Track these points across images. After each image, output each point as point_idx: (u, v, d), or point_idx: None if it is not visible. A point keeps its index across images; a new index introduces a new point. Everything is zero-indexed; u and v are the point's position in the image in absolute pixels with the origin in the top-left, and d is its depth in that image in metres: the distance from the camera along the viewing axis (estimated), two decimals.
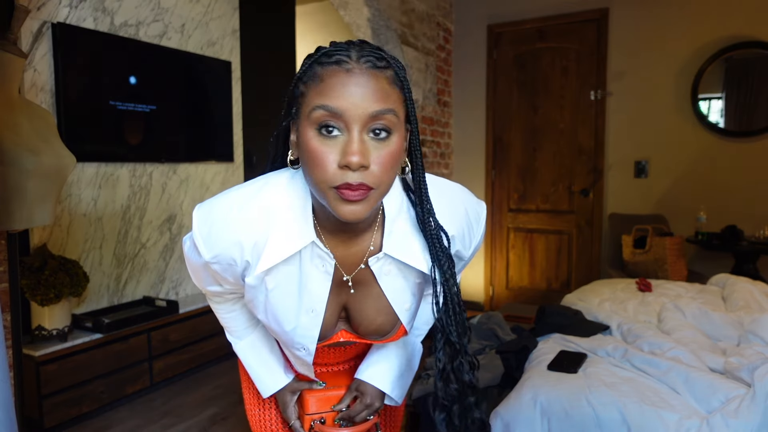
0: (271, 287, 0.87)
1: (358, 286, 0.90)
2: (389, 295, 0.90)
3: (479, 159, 4.69)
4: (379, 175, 0.75)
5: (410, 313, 0.94)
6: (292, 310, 0.88)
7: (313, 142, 0.74)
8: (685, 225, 3.93)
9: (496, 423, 1.63)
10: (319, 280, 0.87)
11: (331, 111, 0.73)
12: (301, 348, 0.93)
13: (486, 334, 2.15)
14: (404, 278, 0.90)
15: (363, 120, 0.73)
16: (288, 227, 0.82)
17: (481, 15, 4.58)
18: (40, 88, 2.62)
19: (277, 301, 0.88)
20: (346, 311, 0.94)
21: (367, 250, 0.87)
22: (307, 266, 0.86)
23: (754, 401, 1.43)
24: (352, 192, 0.73)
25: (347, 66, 0.73)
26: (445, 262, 0.84)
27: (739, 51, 3.76)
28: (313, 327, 0.90)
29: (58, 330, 2.58)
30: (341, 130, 0.74)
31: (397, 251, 0.86)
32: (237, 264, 0.85)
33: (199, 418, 2.71)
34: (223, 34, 3.63)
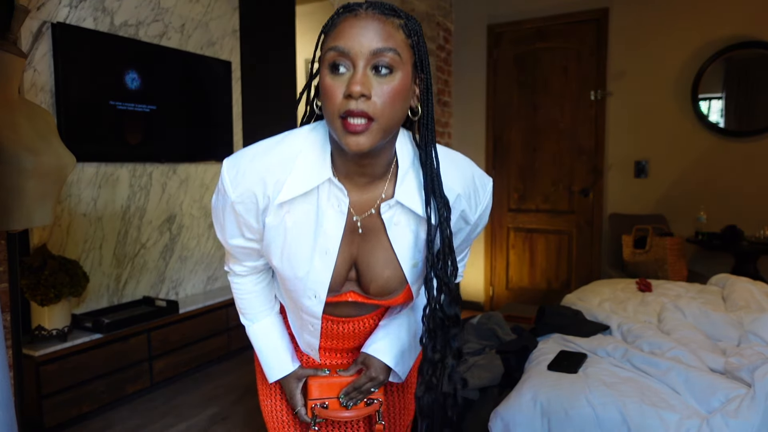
0: (290, 225, 0.93)
1: (368, 234, 0.96)
2: (397, 248, 0.96)
3: (479, 159, 4.69)
4: (380, 107, 0.81)
5: (416, 272, 0.98)
6: (307, 252, 0.94)
7: (326, 79, 0.83)
8: (685, 225, 3.92)
9: (496, 423, 1.63)
10: (333, 220, 0.93)
11: (340, 51, 0.82)
12: (313, 295, 0.97)
13: (486, 334, 2.15)
14: (411, 232, 0.95)
15: (365, 56, 0.81)
16: (307, 167, 0.90)
17: (481, 15, 4.58)
18: (40, 88, 2.62)
19: (293, 241, 0.94)
20: (356, 270, 0.99)
21: (379, 197, 0.94)
22: (324, 204, 0.92)
23: (754, 401, 1.43)
24: (355, 120, 0.80)
25: (356, 12, 0.83)
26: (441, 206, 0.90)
27: (739, 51, 3.76)
28: (326, 270, 0.95)
29: (57, 330, 2.58)
30: (348, 67, 0.82)
31: (407, 199, 0.92)
32: (259, 201, 0.92)
33: (199, 418, 2.71)
34: (223, 34, 3.63)
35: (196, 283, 3.54)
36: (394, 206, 0.93)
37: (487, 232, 4.69)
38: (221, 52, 3.62)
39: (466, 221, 1.01)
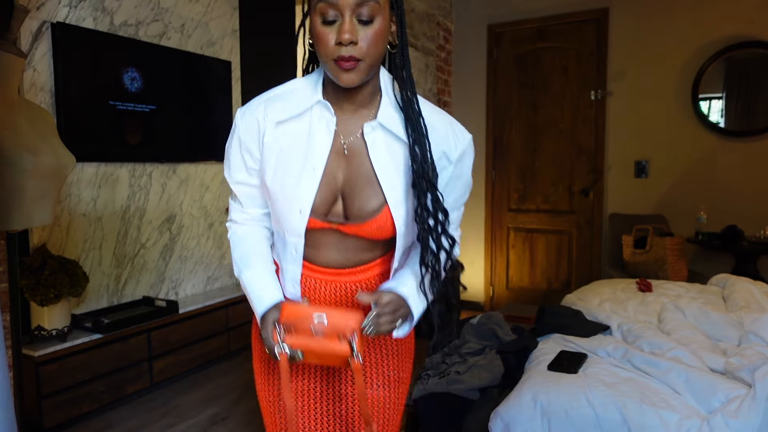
0: (284, 145, 1.06)
1: (353, 157, 1.07)
2: (377, 169, 1.05)
3: (479, 159, 4.69)
4: (366, 49, 0.97)
5: (397, 195, 1.05)
6: (297, 169, 1.06)
7: (318, 27, 0.98)
8: (685, 225, 3.92)
9: (497, 423, 1.63)
10: (322, 139, 1.05)
11: (329, 2, 0.96)
12: (298, 210, 1.06)
13: (486, 334, 2.15)
14: (391, 156, 1.06)
15: (351, 7, 0.95)
16: (301, 94, 1.07)
17: (481, 15, 4.58)
18: (40, 88, 2.62)
19: (285, 160, 1.06)
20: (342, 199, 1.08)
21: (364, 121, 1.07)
22: (315, 126, 1.06)
23: (754, 401, 1.43)
24: (346, 63, 0.97)
25: None
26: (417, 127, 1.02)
27: (739, 51, 3.76)
28: (311, 185, 1.05)
29: (57, 330, 2.58)
30: (336, 17, 0.96)
31: (388, 122, 1.05)
32: (260, 124, 1.07)
33: (199, 418, 2.71)
34: (223, 33, 3.63)
35: (196, 283, 3.54)
36: (376, 128, 1.05)
37: (487, 232, 4.69)
38: (221, 52, 3.61)
39: (448, 159, 1.08)
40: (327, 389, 1.19)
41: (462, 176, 1.11)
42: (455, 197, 1.12)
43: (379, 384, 1.20)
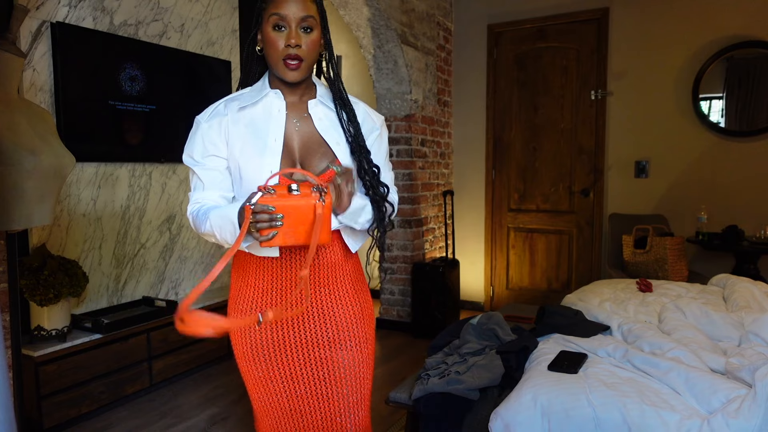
0: (247, 124, 1.33)
1: (304, 129, 1.36)
2: (323, 133, 1.36)
3: (479, 159, 4.69)
4: (307, 52, 1.29)
5: (342, 150, 1.36)
6: (262, 142, 1.31)
7: (271, 34, 1.28)
8: (685, 225, 3.92)
9: (497, 423, 1.63)
10: (276, 120, 1.34)
11: (281, 15, 1.27)
12: (269, 171, 1.29)
13: (486, 334, 2.15)
14: (331, 123, 1.38)
15: (297, 20, 1.27)
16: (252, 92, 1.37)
17: (481, 14, 4.58)
18: (39, 88, 2.62)
19: (250, 137, 1.32)
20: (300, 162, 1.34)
21: (306, 103, 1.38)
22: (270, 108, 1.35)
23: (755, 402, 1.43)
24: (292, 61, 1.28)
25: None
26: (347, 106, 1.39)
27: (739, 51, 3.76)
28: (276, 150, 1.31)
29: (57, 330, 2.57)
30: (285, 27, 1.27)
31: (324, 100, 1.40)
32: (222, 116, 1.33)
33: (199, 418, 2.71)
34: (223, 33, 3.63)
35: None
36: (317, 104, 1.39)
37: (487, 232, 4.69)
38: (221, 52, 3.61)
39: (373, 122, 1.45)
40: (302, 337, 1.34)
41: (384, 139, 1.48)
42: (383, 155, 1.46)
43: (351, 345, 1.38)
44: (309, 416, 1.36)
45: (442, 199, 4.55)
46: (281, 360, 1.34)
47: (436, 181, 4.50)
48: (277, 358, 1.34)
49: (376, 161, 1.40)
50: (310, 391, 1.35)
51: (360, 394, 1.39)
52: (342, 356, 1.36)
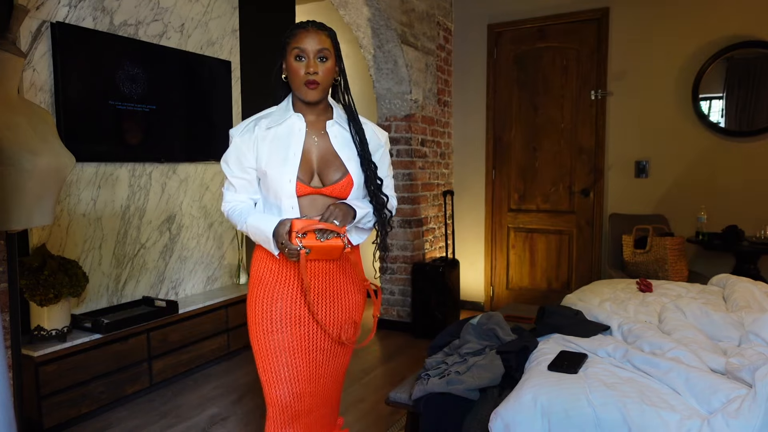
0: (272, 140, 1.60)
1: (321, 145, 1.63)
2: (338, 151, 1.63)
3: (479, 159, 4.69)
4: (323, 77, 1.57)
5: (353, 164, 1.62)
6: (283, 155, 1.58)
7: (293, 64, 1.57)
8: (685, 225, 3.92)
9: (497, 423, 1.63)
10: (297, 137, 1.60)
11: (301, 49, 1.56)
12: (288, 180, 1.56)
13: (486, 334, 2.15)
14: (345, 141, 1.65)
15: (314, 52, 1.55)
16: (279, 112, 1.64)
17: (481, 14, 4.58)
18: (39, 88, 2.62)
19: (274, 150, 1.59)
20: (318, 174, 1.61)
21: (324, 122, 1.65)
22: (292, 127, 1.61)
23: (755, 402, 1.43)
24: (311, 85, 1.55)
25: (307, 28, 1.58)
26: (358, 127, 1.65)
27: (739, 51, 3.76)
28: (295, 162, 1.57)
29: (57, 330, 2.57)
30: (304, 58, 1.56)
31: (340, 121, 1.66)
32: (252, 132, 1.60)
33: (199, 418, 2.71)
34: (223, 33, 3.63)
35: (196, 283, 3.54)
36: (333, 124, 1.65)
37: (487, 232, 4.69)
38: (221, 52, 3.61)
39: (379, 141, 1.70)
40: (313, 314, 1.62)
41: (387, 154, 1.74)
42: (386, 167, 1.73)
43: (349, 325, 1.70)
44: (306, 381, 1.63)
45: (442, 199, 4.55)
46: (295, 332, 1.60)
47: (436, 181, 4.50)
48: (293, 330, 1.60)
49: (380, 173, 1.67)
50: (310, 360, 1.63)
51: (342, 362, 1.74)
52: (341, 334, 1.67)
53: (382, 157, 1.70)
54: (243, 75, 3.87)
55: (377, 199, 1.64)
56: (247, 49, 3.94)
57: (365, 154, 1.63)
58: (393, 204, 1.71)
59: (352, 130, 1.64)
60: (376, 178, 1.64)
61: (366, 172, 1.63)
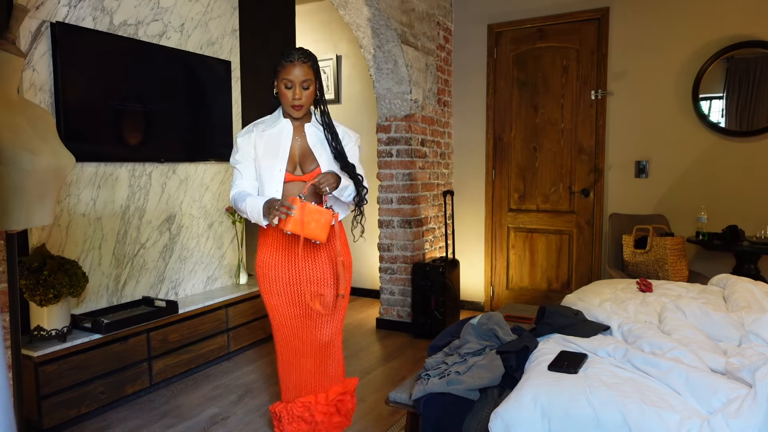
0: (266, 140, 2.11)
1: (303, 145, 2.14)
2: (312, 148, 2.14)
3: (479, 159, 4.69)
4: (305, 101, 2.06)
5: (324, 158, 2.12)
6: (274, 151, 2.10)
7: (283, 90, 2.05)
8: (685, 225, 3.92)
9: (497, 423, 1.63)
10: (285, 138, 2.12)
11: (288, 80, 2.03)
12: (278, 169, 2.07)
13: (486, 334, 2.14)
14: (319, 140, 2.16)
15: (299, 82, 2.02)
16: (272, 119, 2.16)
17: (481, 14, 4.58)
18: (39, 88, 2.62)
19: (267, 148, 2.10)
20: (299, 165, 2.12)
21: (304, 126, 2.16)
22: (282, 130, 2.13)
23: (755, 402, 1.43)
24: (297, 107, 2.06)
25: (293, 61, 2.02)
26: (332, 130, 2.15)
27: (740, 51, 3.76)
28: (284, 156, 2.09)
29: (57, 330, 2.57)
30: (291, 86, 2.03)
31: (315, 124, 2.18)
32: (251, 135, 2.12)
33: (199, 419, 2.71)
34: (223, 33, 3.63)
35: (196, 283, 3.54)
36: (311, 126, 2.17)
37: (487, 232, 4.69)
38: (221, 52, 3.61)
39: (350, 137, 2.21)
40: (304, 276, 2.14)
41: (356, 148, 2.22)
42: (356, 158, 2.20)
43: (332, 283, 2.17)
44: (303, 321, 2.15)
45: (442, 199, 4.55)
46: (288, 290, 2.14)
47: (436, 181, 4.50)
48: (286, 289, 2.14)
49: (352, 158, 2.18)
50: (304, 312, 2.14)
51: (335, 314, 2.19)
52: (325, 290, 2.15)
53: (351, 149, 2.19)
54: (243, 75, 3.87)
55: (354, 177, 2.12)
56: (247, 49, 3.94)
57: (337, 147, 2.13)
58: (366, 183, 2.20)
59: (326, 132, 2.14)
60: (348, 163, 2.12)
61: (339, 161, 2.12)
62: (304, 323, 2.14)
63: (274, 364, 3.46)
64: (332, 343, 2.19)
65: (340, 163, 2.11)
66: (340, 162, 2.11)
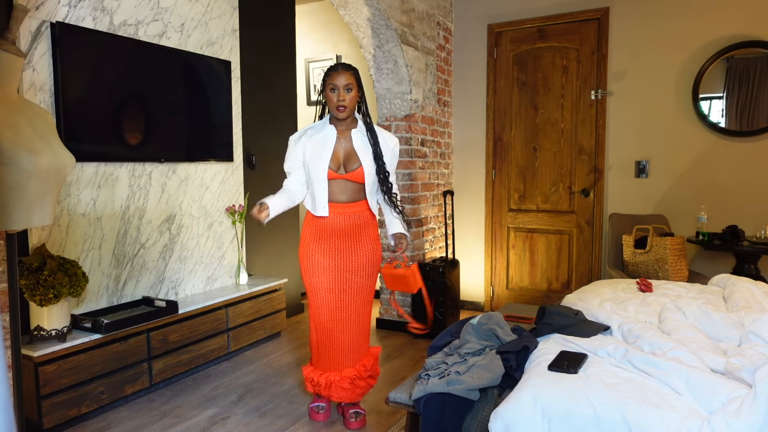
0: (313, 143, 2.44)
1: (348, 148, 2.45)
2: (357, 150, 2.45)
3: (479, 159, 4.69)
4: (348, 103, 2.40)
5: (367, 160, 2.44)
6: (319, 153, 2.42)
7: (329, 94, 2.41)
8: (685, 225, 3.92)
9: (497, 423, 1.62)
10: (329, 141, 2.44)
11: (334, 84, 2.39)
12: (322, 168, 2.41)
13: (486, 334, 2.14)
14: (363, 144, 2.46)
15: (343, 86, 2.38)
16: (320, 125, 2.50)
17: (481, 14, 4.58)
18: (39, 88, 2.62)
19: (313, 150, 2.44)
20: (343, 165, 2.45)
21: (350, 131, 2.47)
22: (327, 135, 2.45)
23: (755, 402, 1.43)
24: (341, 108, 2.39)
25: (338, 70, 2.41)
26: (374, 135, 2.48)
27: (740, 50, 3.76)
28: (327, 158, 2.41)
29: (57, 330, 2.57)
30: (336, 90, 2.39)
31: (362, 130, 2.48)
32: (300, 139, 2.48)
33: (199, 419, 2.71)
34: (223, 33, 3.63)
35: (196, 284, 3.54)
36: (357, 132, 2.47)
37: (487, 232, 4.69)
38: (221, 52, 3.61)
39: (389, 147, 2.51)
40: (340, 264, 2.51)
41: (395, 157, 2.56)
42: (390, 166, 2.52)
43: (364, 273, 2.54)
44: (339, 304, 2.49)
45: (442, 199, 4.55)
46: (328, 275, 2.48)
47: (436, 181, 4.50)
48: (326, 273, 2.48)
49: (389, 167, 2.51)
50: (340, 294, 2.49)
51: (364, 300, 2.54)
52: (358, 279, 2.51)
53: (391, 156, 2.53)
54: (243, 75, 3.87)
55: (387, 186, 2.50)
56: (247, 49, 3.94)
57: (377, 152, 2.45)
58: (395, 191, 2.58)
59: (369, 137, 2.46)
60: (385, 170, 2.48)
61: (377, 165, 2.46)
62: (339, 306, 2.48)
63: (274, 364, 3.46)
64: (363, 324, 2.55)
65: (377, 167, 2.45)
66: (377, 166, 2.45)
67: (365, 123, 2.46)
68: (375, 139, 2.44)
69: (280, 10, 4.37)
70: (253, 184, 4.04)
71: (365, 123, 2.46)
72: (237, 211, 3.73)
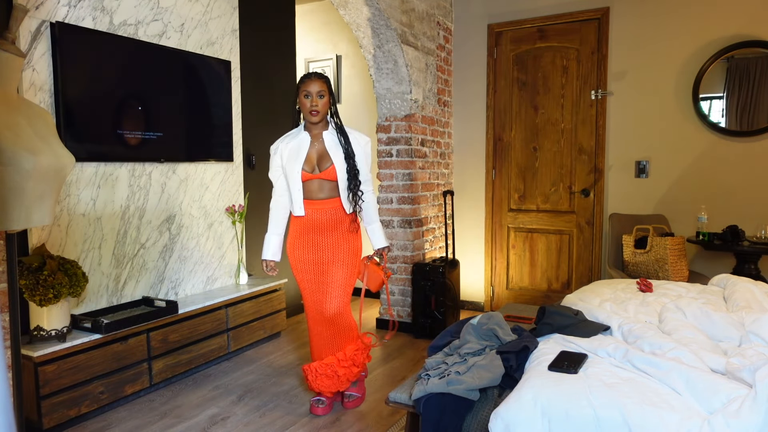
0: (289, 150, 2.64)
1: (320, 150, 2.64)
2: (328, 150, 2.63)
3: (479, 159, 4.69)
4: (321, 108, 2.60)
5: (338, 159, 2.61)
6: (294, 157, 2.61)
7: (303, 100, 2.60)
8: (686, 225, 3.92)
9: (497, 423, 1.62)
10: (304, 146, 2.63)
11: (307, 91, 2.58)
12: (297, 171, 2.59)
13: (486, 334, 2.14)
14: (335, 144, 2.64)
15: (315, 93, 2.58)
16: (295, 132, 2.70)
17: (481, 14, 4.58)
18: (39, 88, 2.62)
19: (290, 156, 2.62)
20: (317, 165, 2.63)
21: (321, 133, 2.66)
22: (302, 140, 2.65)
23: (755, 402, 1.42)
24: (314, 113, 2.59)
25: (311, 77, 2.61)
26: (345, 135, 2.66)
27: (740, 50, 3.75)
28: (300, 161, 2.60)
29: (56, 330, 2.57)
30: (309, 96, 2.58)
31: (332, 131, 2.67)
32: (279, 147, 2.66)
33: (199, 419, 2.70)
34: (223, 33, 3.63)
35: (196, 284, 3.54)
36: (328, 134, 2.65)
37: (487, 232, 4.69)
38: (221, 52, 3.61)
39: (360, 145, 2.67)
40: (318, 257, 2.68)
41: (367, 155, 2.70)
42: (362, 166, 2.68)
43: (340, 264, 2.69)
44: (318, 296, 2.66)
45: (442, 199, 4.55)
46: (308, 268, 2.68)
47: (436, 181, 4.50)
48: (306, 267, 2.68)
49: (360, 165, 2.67)
50: (319, 286, 2.67)
51: (342, 290, 2.67)
52: (335, 270, 2.66)
53: (363, 154, 2.68)
54: (243, 75, 3.87)
55: (355, 182, 2.63)
56: (247, 49, 3.94)
57: (348, 151, 2.62)
58: (368, 189, 2.73)
59: (339, 137, 2.64)
60: (355, 167, 2.63)
61: (348, 163, 2.61)
62: (319, 299, 2.66)
63: (274, 364, 3.46)
64: (341, 314, 2.67)
65: (348, 165, 2.60)
66: (348, 164, 2.60)
67: (336, 125, 2.65)
68: (346, 138, 2.63)
69: (280, 10, 4.37)
70: (253, 184, 4.04)
71: (336, 125, 2.65)
72: (237, 211, 3.73)
